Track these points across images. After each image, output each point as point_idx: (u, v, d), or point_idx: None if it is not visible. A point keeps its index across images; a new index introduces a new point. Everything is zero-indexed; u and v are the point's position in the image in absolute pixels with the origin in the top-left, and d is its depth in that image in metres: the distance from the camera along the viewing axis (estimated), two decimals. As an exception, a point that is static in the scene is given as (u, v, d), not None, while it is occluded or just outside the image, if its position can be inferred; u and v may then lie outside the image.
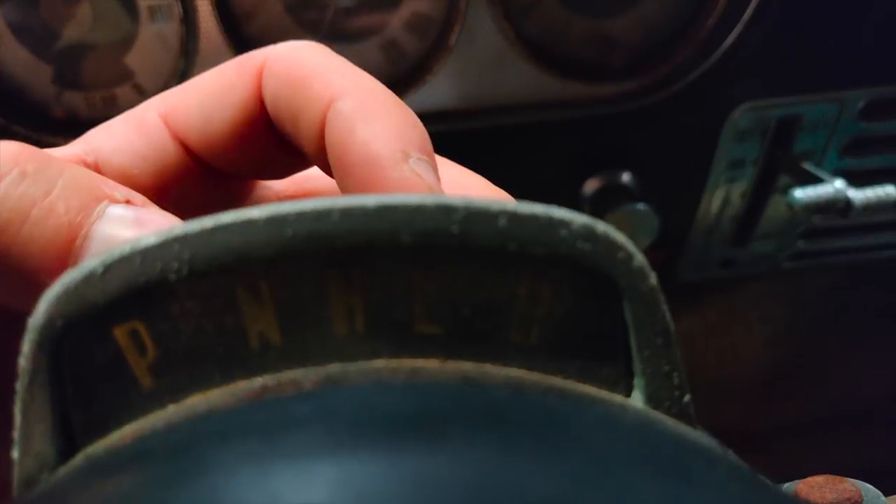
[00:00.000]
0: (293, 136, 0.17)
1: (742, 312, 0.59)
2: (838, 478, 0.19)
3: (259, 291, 0.11)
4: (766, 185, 0.46)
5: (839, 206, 0.41)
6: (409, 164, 0.15)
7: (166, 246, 0.11)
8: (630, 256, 0.11)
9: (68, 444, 0.11)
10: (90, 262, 0.11)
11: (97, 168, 0.17)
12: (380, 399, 0.09)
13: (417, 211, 0.11)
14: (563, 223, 0.11)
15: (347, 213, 0.11)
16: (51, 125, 0.42)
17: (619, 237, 0.11)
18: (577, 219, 0.11)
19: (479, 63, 0.43)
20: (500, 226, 0.11)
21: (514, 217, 0.11)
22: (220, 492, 0.07)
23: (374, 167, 0.15)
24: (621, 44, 0.44)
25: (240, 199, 0.20)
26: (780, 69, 0.43)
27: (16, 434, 0.11)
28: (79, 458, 0.11)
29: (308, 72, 0.16)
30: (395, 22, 0.43)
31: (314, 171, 0.20)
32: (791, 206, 0.42)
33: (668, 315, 0.12)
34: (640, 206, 0.45)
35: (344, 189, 0.15)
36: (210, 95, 0.17)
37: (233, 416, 0.09)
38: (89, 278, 0.11)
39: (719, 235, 0.50)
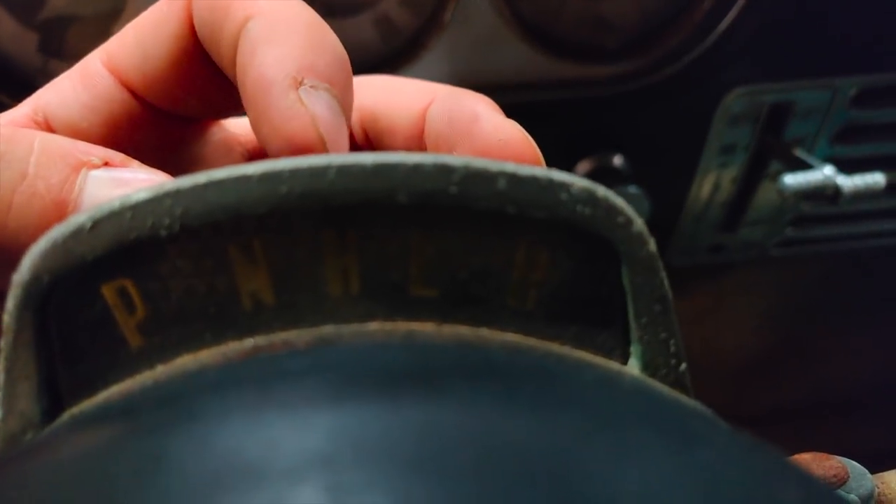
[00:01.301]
0: (219, 64, 0.16)
1: (729, 298, 0.59)
2: (825, 455, 0.19)
3: (252, 250, 0.11)
4: (757, 171, 0.46)
5: (828, 192, 0.41)
6: (298, 91, 0.14)
7: (158, 201, 0.11)
8: (630, 221, 0.11)
9: (54, 403, 0.11)
10: (78, 216, 0.11)
11: (48, 126, 0.17)
12: (376, 355, 0.08)
13: (415, 170, 0.11)
14: (564, 186, 0.11)
15: (344, 171, 0.11)
16: (36, 94, 0.41)
17: (619, 202, 0.11)
18: (578, 182, 0.11)
19: (474, 41, 0.43)
20: (500, 187, 0.11)
21: (513, 179, 0.11)
22: (213, 438, 0.06)
23: (264, 93, 0.14)
24: (616, 25, 0.44)
25: (199, 144, 0.19)
26: (773, 54, 0.43)
27: (-1, 393, 0.11)
28: (64, 418, 0.11)
29: None
30: (389, -3, 0.42)
31: None
32: (781, 191, 0.42)
33: (666, 282, 0.12)
34: (631, 189, 0.45)
35: (249, 118, 0.15)
36: (145, 31, 0.16)
37: (227, 373, 0.09)
38: (77, 233, 0.11)
39: (709, 221, 0.50)
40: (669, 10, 0.43)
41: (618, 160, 0.47)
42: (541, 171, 0.11)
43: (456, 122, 0.16)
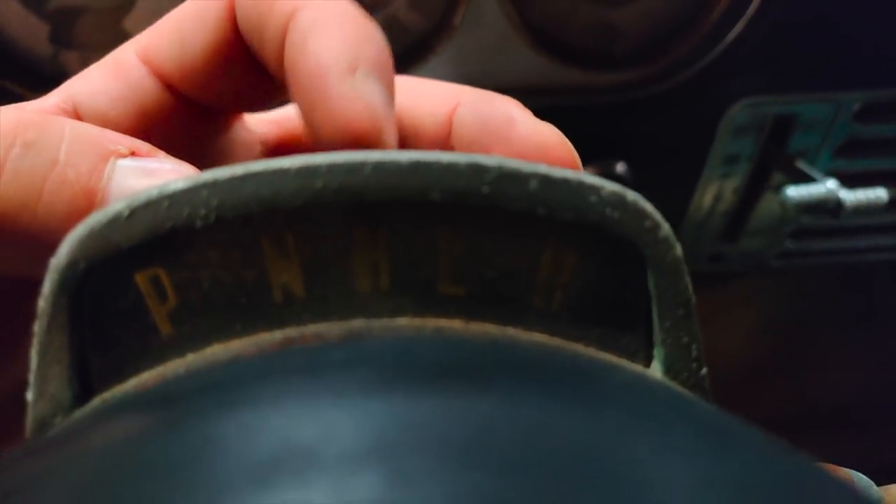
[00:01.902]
0: (261, 56, 0.16)
1: (726, 308, 0.60)
2: (831, 466, 0.19)
3: (285, 243, 0.11)
4: (760, 182, 0.47)
5: (830, 205, 0.41)
6: (354, 77, 0.14)
7: (195, 191, 0.11)
8: (657, 226, 0.11)
9: (84, 388, 0.11)
10: (116, 204, 0.11)
11: (76, 115, 0.17)
12: (417, 349, 0.08)
13: (449, 169, 0.11)
14: (594, 189, 0.11)
15: (379, 168, 0.11)
16: (46, 84, 0.41)
17: (648, 206, 0.11)
18: (608, 185, 0.11)
19: (482, 45, 0.43)
20: (531, 188, 0.11)
21: (545, 180, 0.11)
22: (267, 422, 0.06)
23: (320, 80, 0.14)
24: (624, 33, 0.44)
25: (223, 139, 0.19)
26: (779, 67, 0.43)
27: (31, 376, 0.11)
28: (95, 402, 0.11)
29: None
30: (399, -1, 0.42)
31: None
32: (783, 203, 0.42)
33: (690, 286, 0.12)
34: (635, 197, 0.45)
35: (296, 104, 0.15)
36: (184, 22, 0.17)
37: (265, 361, 0.09)
38: (114, 221, 0.11)
39: (710, 230, 0.50)
40: (678, 21, 0.44)
41: (621, 167, 0.47)
42: (572, 173, 0.11)
43: (490, 125, 0.16)
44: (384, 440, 0.06)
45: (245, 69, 0.17)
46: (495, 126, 0.16)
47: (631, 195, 0.11)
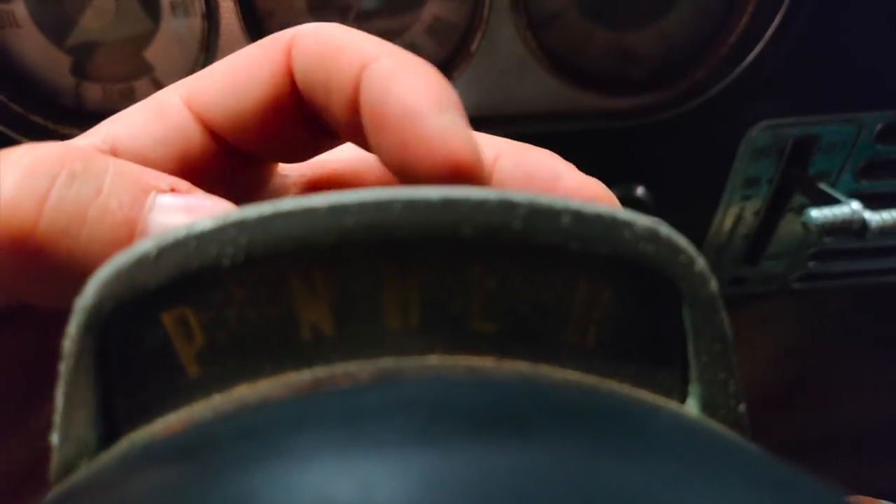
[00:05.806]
0: (324, 108, 0.17)
1: (747, 332, 0.59)
2: (871, 499, 0.18)
3: (314, 281, 0.11)
4: (781, 205, 0.46)
5: (855, 227, 0.41)
6: (445, 114, 0.15)
7: (223, 231, 0.11)
8: (692, 260, 0.11)
9: (110, 429, 0.11)
10: (143, 244, 0.11)
11: (115, 156, 0.17)
12: (452, 392, 0.08)
13: (480, 205, 0.11)
14: (627, 224, 0.11)
15: (410, 206, 0.11)
16: (68, 115, 0.42)
17: (682, 241, 0.11)
18: (641, 220, 0.11)
19: (499, 71, 0.43)
20: (564, 224, 0.11)
21: (577, 215, 0.11)
22: (304, 477, 0.06)
23: (413, 118, 0.15)
24: (642, 57, 0.44)
25: (259, 184, 0.20)
26: (799, 88, 0.43)
27: (56, 418, 0.11)
28: (122, 444, 0.11)
29: (338, 42, 0.16)
30: (417, 26, 0.43)
31: (330, 155, 0.20)
32: (806, 225, 0.42)
33: (726, 321, 0.12)
34: (654, 221, 0.45)
35: (380, 147, 0.16)
36: (238, 75, 0.17)
37: (297, 406, 0.09)
38: (142, 261, 0.11)
39: (731, 253, 0.49)
40: (695, 43, 0.44)
41: (641, 191, 0.47)
42: (605, 208, 0.11)
43: (535, 179, 0.16)
44: (426, 498, 0.06)
45: (296, 122, 0.17)
46: (541, 180, 0.16)
47: (665, 229, 0.11)
